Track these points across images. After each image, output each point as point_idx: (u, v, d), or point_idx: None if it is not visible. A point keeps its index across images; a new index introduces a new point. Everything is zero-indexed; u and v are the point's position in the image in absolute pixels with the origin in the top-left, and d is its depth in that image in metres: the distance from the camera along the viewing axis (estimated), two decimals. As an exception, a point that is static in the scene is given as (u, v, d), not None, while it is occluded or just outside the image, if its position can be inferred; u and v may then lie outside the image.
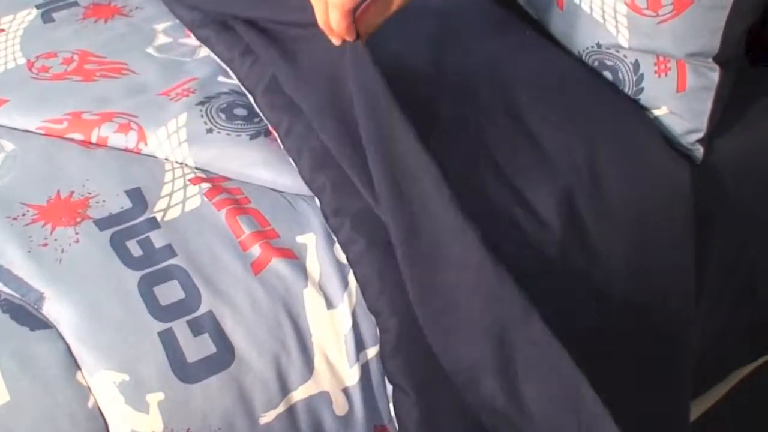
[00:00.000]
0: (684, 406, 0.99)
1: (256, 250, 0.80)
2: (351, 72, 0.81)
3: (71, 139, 0.92)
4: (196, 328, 0.75)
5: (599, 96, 0.96)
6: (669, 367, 0.94)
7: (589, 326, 0.84)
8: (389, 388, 0.79)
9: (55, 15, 1.12)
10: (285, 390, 0.76)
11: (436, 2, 1.04)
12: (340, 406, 0.79)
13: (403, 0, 0.81)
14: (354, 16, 0.79)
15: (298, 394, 0.77)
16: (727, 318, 1.09)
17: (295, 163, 0.85)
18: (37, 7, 1.13)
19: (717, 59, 0.92)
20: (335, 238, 0.81)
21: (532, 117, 0.90)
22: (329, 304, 0.79)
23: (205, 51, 1.00)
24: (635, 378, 0.90)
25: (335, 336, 0.78)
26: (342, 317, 0.78)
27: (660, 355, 0.93)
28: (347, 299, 0.79)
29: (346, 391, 0.79)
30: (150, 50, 1.04)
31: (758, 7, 0.91)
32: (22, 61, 1.03)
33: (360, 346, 0.79)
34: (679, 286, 0.91)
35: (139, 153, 0.91)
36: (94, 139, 0.92)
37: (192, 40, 1.02)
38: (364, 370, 0.79)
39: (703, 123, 0.96)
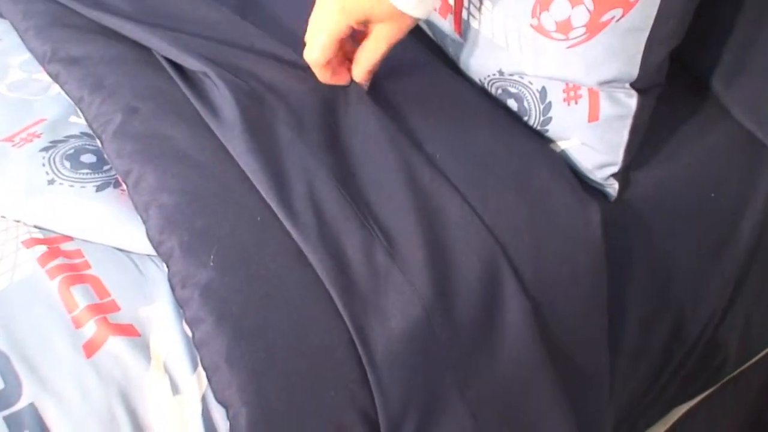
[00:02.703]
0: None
1: (90, 327, 0.69)
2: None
3: None
4: (14, 424, 0.64)
5: (498, 130, 0.86)
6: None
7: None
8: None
9: None
10: (120, 495, 0.65)
11: None
12: None
13: (396, 34, 0.79)
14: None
15: (138, 499, 0.66)
16: (655, 363, 1.00)
17: (143, 222, 0.73)
18: None
19: (635, 85, 0.83)
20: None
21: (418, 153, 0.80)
22: (175, 389, 0.67)
23: (59, 87, 0.89)
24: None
25: (181, 426, 0.67)
26: (190, 403, 0.67)
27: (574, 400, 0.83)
28: (197, 382, 0.68)
29: (196, 491, 0.68)
30: (1, 88, 0.92)
31: (682, 30, 0.82)
32: None
33: (212, 437, 0.68)
34: (589, 349, 0.81)
35: (-27, 210, 0.79)
36: (-77, 196, 0.80)
37: (47, 76, 0.91)
38: (219, 464, 0.68)
39: (618, 155, 0.87)
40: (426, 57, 0.94)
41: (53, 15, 0.92)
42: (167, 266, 0.71)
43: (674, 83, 0.90)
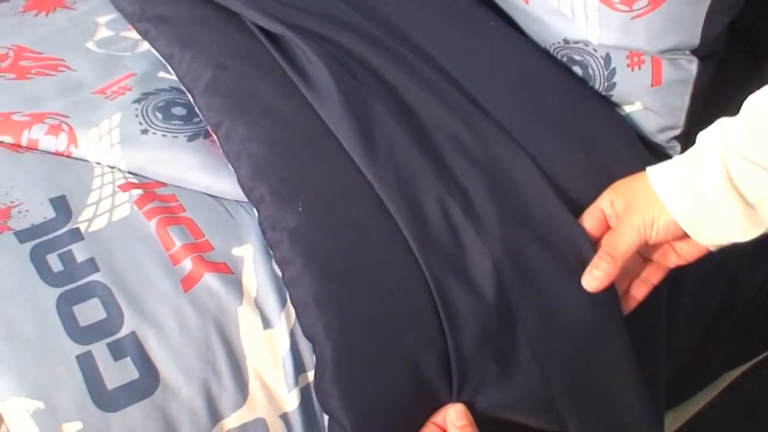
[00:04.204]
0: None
1: (187, 264, 0.73)
2: None
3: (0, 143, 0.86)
4: (117, 351, 0.69)
5: (566, 94, 0.89)
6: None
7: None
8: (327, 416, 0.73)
9: (-6, 7, 1.05)
10: (216, 418, 0.69)
11: None
12: (278, 434, 0.73)
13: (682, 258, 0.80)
14: None
15: (231, 422, 0.70)
16: (708, 328, 1.03)
17: (234, 170, 0.78)
18: (-24, -1, 1.07)
19: (696, 53, 0.86)
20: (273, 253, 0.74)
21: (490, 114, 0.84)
22: (266, 324, 0.72)
23: (147, 45, 0.94)
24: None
25: (272, 358, 0.72)
26: (279, 337, 0.72)
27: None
28: (285, 318, 0.72)
29: (284, 417, 0.72)
30: (90, 45, 0.97)
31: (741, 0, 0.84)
32: (-45, 57, 0.97)
33: (300, 368, 0.72)
34: (647, 307, 0.83)
35: (69, 156, 0.84)
36: (24, 142, 0.85)
37: (134, 34, 0.96)
38: (305, 394, 0.72)
39: (680, 119, 0.90)
40: (495, 23, 0.97)
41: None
42: (258, 211, 0.75)
43: (735, 52, 0.92)
